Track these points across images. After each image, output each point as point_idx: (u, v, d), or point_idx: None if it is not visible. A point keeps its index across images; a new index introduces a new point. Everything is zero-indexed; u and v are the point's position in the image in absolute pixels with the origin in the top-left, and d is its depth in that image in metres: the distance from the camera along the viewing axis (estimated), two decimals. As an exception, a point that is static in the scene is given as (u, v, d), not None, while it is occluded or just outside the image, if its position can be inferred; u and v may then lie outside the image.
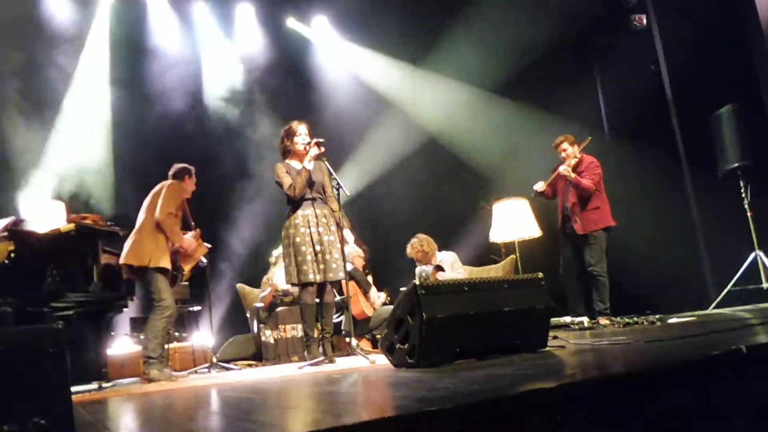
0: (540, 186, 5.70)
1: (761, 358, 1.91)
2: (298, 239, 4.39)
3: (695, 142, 6.57)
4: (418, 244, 5.81)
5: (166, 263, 4.43)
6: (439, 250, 5.96)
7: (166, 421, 1.77)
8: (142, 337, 5.40)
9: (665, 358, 1.92)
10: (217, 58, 7.81)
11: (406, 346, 2.88)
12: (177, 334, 6.22)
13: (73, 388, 1.15)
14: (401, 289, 4.48)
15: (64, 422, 1.18)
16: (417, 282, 2.88)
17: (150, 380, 4.30)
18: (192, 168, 4.89)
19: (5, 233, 3.85)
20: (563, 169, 5.50)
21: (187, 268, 4.65)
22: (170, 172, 4.84)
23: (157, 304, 4.38)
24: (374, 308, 5.95)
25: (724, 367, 1.81)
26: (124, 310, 5.13)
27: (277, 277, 5.92)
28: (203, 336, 6.22)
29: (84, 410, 2.35)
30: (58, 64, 6.63)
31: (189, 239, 4.66)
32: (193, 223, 4.84)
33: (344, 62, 8.43)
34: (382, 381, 2.32)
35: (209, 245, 5.01)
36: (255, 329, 6.10)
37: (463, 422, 1.32)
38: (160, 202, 4.49)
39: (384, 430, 1.25)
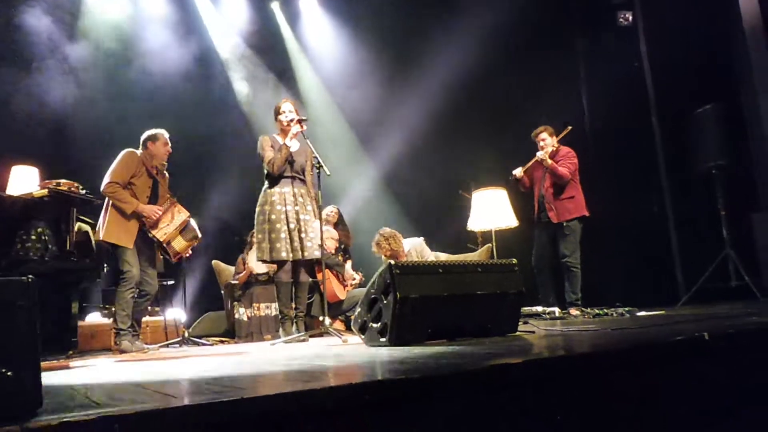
0: (518, 171, 5.74)
1: (723, 346, 1.97)
2: (273, 216, 4.39)
3: (673, 140, 6.68)
4: (384, 242, 5.64)
5: (117, 239, 4.34)
6: (406, 237, 5.92)
7: (134, 383, 1.76)
8: (112, 309, 5.36)
9: (629, 342, 1.97)
10: (203, 28, 7.72)
11: (379, 324, 2.90)
12: (150, 308, 6.18)
13: (42, 358, 1.15)
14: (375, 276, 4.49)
15: (32, 374, 1.18)
16: (392, 262, 2.90)
17: (122, 351, 4.30)
18: (156, 133, 4.68)
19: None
20: (540, 154, 5.55)
21: (159, 236, 4.51)
22: None
23: (121, 276, 4.38)
24: (347, 289, 5.96)
25: (685, 352, 1.86)
26: (97, 280, 5.09)
27: (253, 260, 5.90)
28: (176, 311, 6.19)
29: (53, 376, 2.33)
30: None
31: (148, 207, 4.47)
32: (169, 194, 4.75)
33: (329, 40, 8.37)
34: (353, 355, 2.34)
35: (187, 212, 4.77)
36: (229, 306, 6.08)
37: (431, 391, 1.34)
38: (107, 172, 4.43)
39: (352, 395, 1.27)
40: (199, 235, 4.81)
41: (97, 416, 1.07)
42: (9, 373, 1.15)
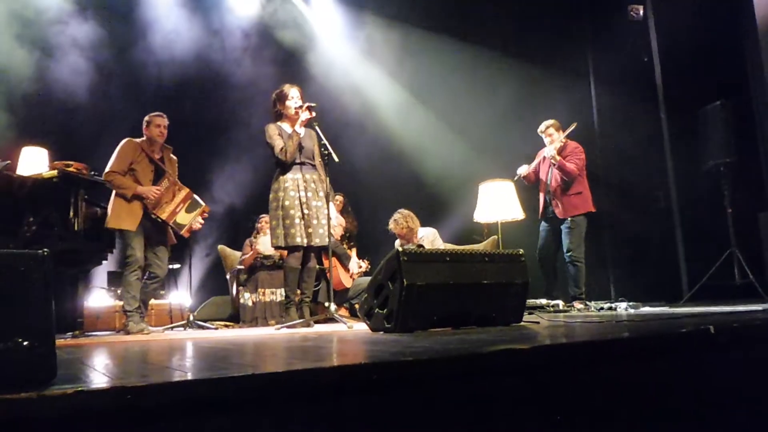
0: (523, 170, 5.74)
1: (728, 340, 1.98)
2: (287, 202, 4.39)
3: (681, 135, 6.64)
4: (402, 219, 5.77)
5: (122, 223, 4.43)
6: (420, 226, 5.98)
7: (142, 360, 1.79)
8: (119, 291, 5.39)
9: (634, 332, 1.98)
10: (210, 16, 7.70)
11: (385, 311, 2.92)
12: (161, 292, 6.23)
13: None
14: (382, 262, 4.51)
15: (47, 345, 1.20)
16: (399, 249, 2.91)
17: (127, 332, 4.35)
18: (149, 118, 4.76)
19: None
20: (548, 151, 5.54)
21: (163, 215, 4.55)
22: None
23: (125, 260, 4.50)
24: (353, 278, 5.98)
25: (690, 344, 1.87)
26: (103, 262, 5.14)
27: (261, 243, 5.92)
28: (181, 295, 6.23)
29: (62, 352, 2.36)
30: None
31: (143, 188, 4.53)
32: (171, 175, 4.77)
33: (341, 29, 8.34)
34: (358, 340, 2.36)
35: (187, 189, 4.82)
36: (234, 291, 6.11)
37: (436, 373, 1.36)
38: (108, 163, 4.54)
39: (358, 374, 1.28)
40: (203, 204, 4.86)
41: (110, 386, 1.09)
42: (25, 343, 1.17)
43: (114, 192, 4.53)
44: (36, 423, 0.99)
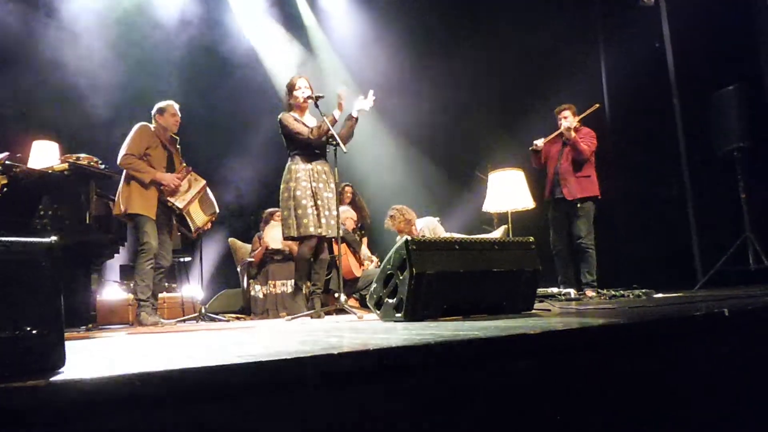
0: (540, 142, 5.69)
1: (743, 322, 1.95)
2: (299, 192, 4.39)
3: (695, 120, 6.57)
4: (398, 214, 5.71)
5: (140, 209, 4.38)
6: (420, 216, 5.94)
7: (156, 350, 1.79)
8: (131, 284, 5.42)
9: (648, 317, 1.96)
10: (220, 14, 7.70)
11: (394, 300, 2.91)
12: (167, 284, 6.25)
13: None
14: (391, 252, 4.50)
15: (56, 333, 1.20)
16: (408, 237, 2.90)
17: (140, 323, 4.36)
18: (163, 105, 4.72)
19: (-1, 167, 3.84)
20: (567, 124, 5.48)
21: (179, 203, 4.51)
22: None
23: (140, 248, 4.45)
24: (363, 268, 5.98)
25: (705, 327, 1.85)
26: (115, 255, 5.16)
27: (269, 237, 5.92)
28: (193, 288, 6.26)
29: (73, 343, 2.37)
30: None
31: (168, 174, 4.52)
32: (183, 163, 4.78)
33: (347, 23, 8.30)
34: (368, 329, 2.35)
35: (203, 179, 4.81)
36: (245, 284, 6.13)
37: (447, 358, 1.35)
38: (122, 146, 4.48)
39: (370, 360, 1.28)
40: (217, 210, 4.85)
41: (120, 374, 1.09)
42: (34, 331, 1.17)
43: (125, 178, 4.45)
44: (45, 411, 0.99)
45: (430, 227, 5.83)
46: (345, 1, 8.28)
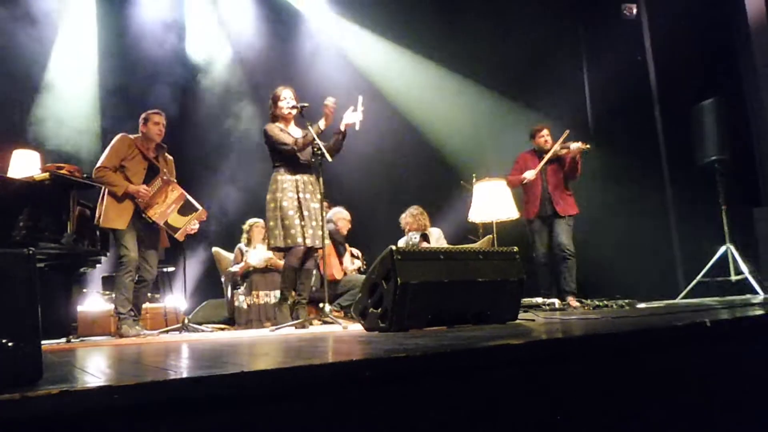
0: (531, 174, 5.67)
1: (723, 333, 1.96)
2: (285, 203, 4.36)
3: (676, 133, 6.66)
4: (420, 215, 5.98)
5: (113, 222, 4.34)
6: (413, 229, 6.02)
7: (136, 362, 1.76)
8: (113, 295, 5.34)
9: (631, 326, 1.96)
10: (201, 24, 7.67)
11: (379, 310, 2.90)
12: (150, 294, 6.17)
13: (42, 341, 1.13)
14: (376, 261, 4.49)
15: (32, 345, 1.17)
16: (393, 247, 2.89)
17: (121, 336, 4.30)
18: (147, 114, 4.64)
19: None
20: (575, 147, 5.50)
21: (154, 216, 4.45)
22: None
23: (119, 260, 4.41)
24: (345, 273, 5.97)
25: (686, 338, 1.86)
26: (97, 266, 5.09)
27: (252, 256, 5.88)
28: (176, 298, 6.19)
29: (52, 355, 2.33)
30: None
31: (136, 186, 4.42)
32: (167, 173, 4.70)
33: (332, 37, 8.29)
34: (353, 339, 2.34)
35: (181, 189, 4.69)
36: (228, 294, 6.08)
37: (430, 369, 1.34)
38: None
39: (353, 371, 1.27)
40: (199, 208, 4.73)
41: (96, 386, 1.07)
42: (9, 344, 1.15)
43: (104, 190, 4.42)
44: (21, 424, 0.97)
45: (435, 236, 5.98)
46: (328, 15, 8.28)
